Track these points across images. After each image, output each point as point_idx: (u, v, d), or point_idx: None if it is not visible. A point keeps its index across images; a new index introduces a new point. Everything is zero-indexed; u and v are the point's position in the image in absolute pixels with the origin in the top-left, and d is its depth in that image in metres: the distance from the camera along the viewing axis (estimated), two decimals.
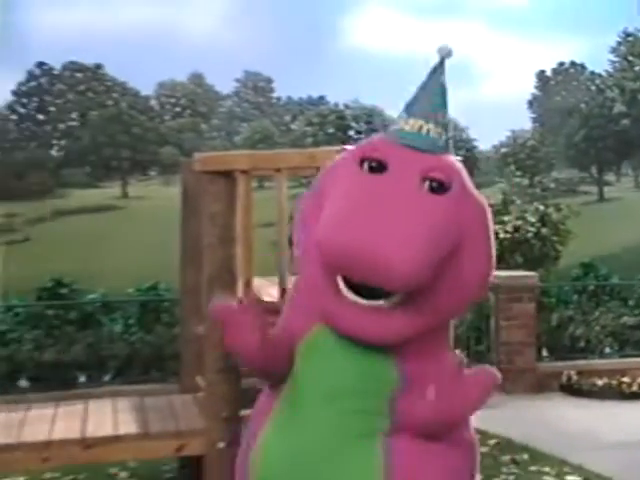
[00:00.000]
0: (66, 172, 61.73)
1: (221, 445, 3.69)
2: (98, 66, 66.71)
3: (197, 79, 71.80)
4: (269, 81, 73.17)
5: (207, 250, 3.75)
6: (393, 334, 2.41)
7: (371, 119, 54.39)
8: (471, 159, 46.70)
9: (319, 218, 2.37)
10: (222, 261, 3.71)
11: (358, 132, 51.76)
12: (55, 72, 66.95)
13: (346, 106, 55.58)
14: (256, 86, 71.58)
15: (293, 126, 61.78)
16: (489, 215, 2.59)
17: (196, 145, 55.20)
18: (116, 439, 3.94)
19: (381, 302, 2.35)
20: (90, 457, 3.93)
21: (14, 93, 67.36)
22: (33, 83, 67.00)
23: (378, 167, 2.42)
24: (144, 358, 8.31)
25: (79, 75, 66.23)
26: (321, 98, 65.42)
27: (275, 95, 73.59)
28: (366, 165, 2.44)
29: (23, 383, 8.01)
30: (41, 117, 66.44)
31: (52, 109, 65.89)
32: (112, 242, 45.05)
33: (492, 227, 2.59)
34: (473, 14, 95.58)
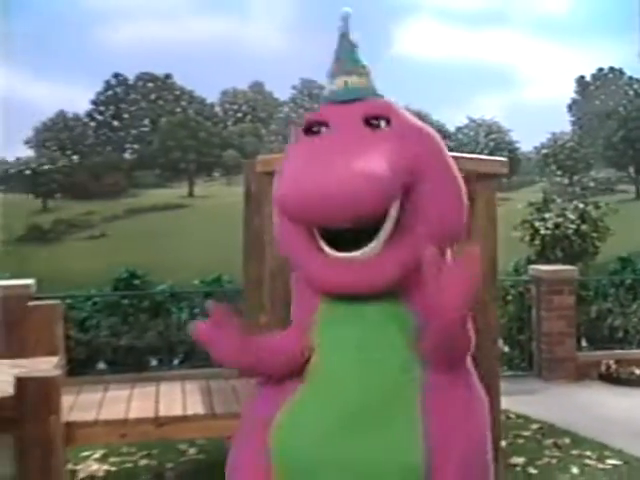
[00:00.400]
0: (138, 174, 62.69)
1: None
2: (168, 76, 67.55)
3: (257, 87, 72.16)
4: (323, 88, 72.89)
5: (269, 246, 3.75)
6: (380, 279, 2.24)
7: None
8: (513, 159, 45.97)
9: None
10: (283, 257, 3.69)
11: None
12: (129, 82, 68.03)
13: None
14: (311, 93, 71.48)
15: None
16: (440, 141, 2.43)
17: (256, 148, 55.50)
18: (185, 418, 3.98)
19: (360, 251, 2.19)
20: (162, 434, 3.98)
21: (93, 102, 68.64)
22: (110, 92, 68.19)
23: (319, 127, 2.37)
24: None
25: (151, 85, 67.17)
26: None
27: None
28: (309, 132, 2.39)
29: (101, 366, 8.16)
30: (116, 123, 67.56)
31: (126, 116, 66.96)
32: (179, 237, 45.62)
33: (447, 153, 2.42)
34: (516, 23, 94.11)
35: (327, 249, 2.22)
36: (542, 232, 10.56)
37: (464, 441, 2.34)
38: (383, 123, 2.33)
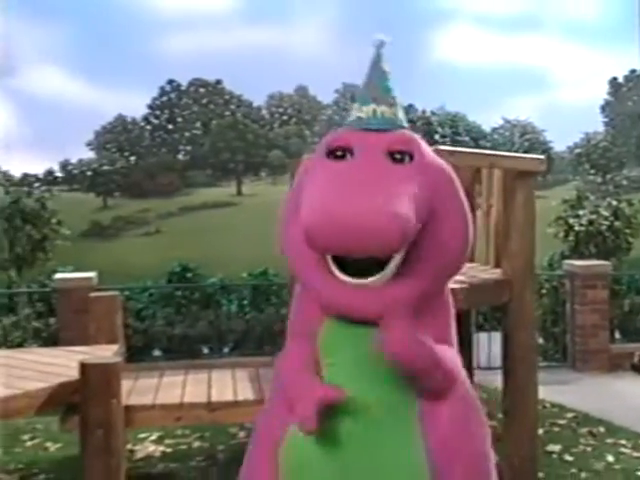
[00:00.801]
0: (190, 173, 63.26)
1: None
2: (218, 82, 67.99)
3: (302, 91, 72.18)
4: None
5: None
6: (387, 308, 2.20)
7: (455, 124, 53.41)
8: (547, 159, 45.26)
9: (297, 213, 2.22)
10: None
11: (443, 136, 50.90)
12: (182, 88, 68.67)
13: (432, 113, 54.74)
14: (353, 96, 71.35)
15: None
16: (456, 179, 2.38)
17: (300, 149, 55.53)
18: (236, 404, 3.98)
19: (372, 279, 2.16)
20: (214, 418, 3.99)
21: (149, 106, 69.44)
22: (164, 98, 68.93)
23: (344, 154, 2.30)
24: (257, 334, 8.42)
25: (202, 90, 67.70)
26: (410, 106, 64.59)
27: None
28: (332, 156, 2.32)
29: (157, 353, 8.26)
30: (170, 127, 68.26)
31: (179, 120, 67.62)
32: (228, 233, 45.94)
33: (461, 191, 2.37)
34: (550, 27, 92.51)
35: (339, 274, 2.19)
36: (576, 228, 10.38)
37: (466, 456, 2.32)
38: (407, 158, 2.29)
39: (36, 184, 53.06)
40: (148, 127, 68.81)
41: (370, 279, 2.17)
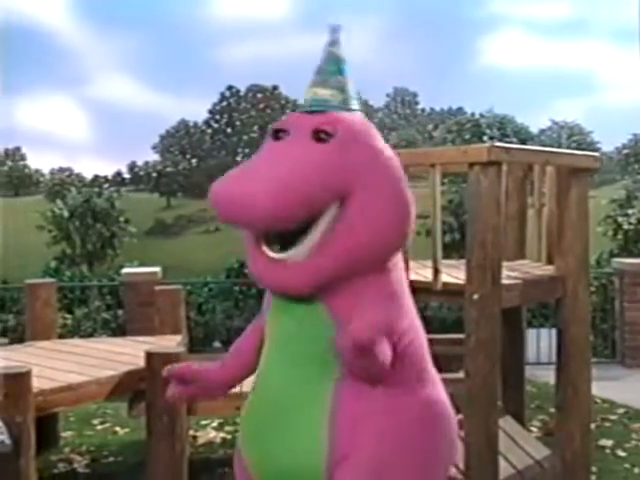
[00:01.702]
0: None
1: None
2: (275, 87, 68.52)
3: None
4: (415, 95, 72.37)
5: None
6: (304, 283, 2.12)
7: (503, 126, 52.53)
8: None
9: None
10: None
11: (491, 138, 50.12)
12: (241, 94, 69.42)
13: (481, 115, 53.95)
14: (403, 100, 70.91)
15: (434, 134, 60.77)
16: (391, 162, 2.23)
17: None
18: None
19: (288, 253, 2.10)
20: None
21: (209, 112, 70.42)
22: (224, 103, 69.81)
23: (281, 134, 2.24)
24: None
25: (260, 95, 68.30)
26: (459, 109, 63.95)
27: (420, 107, 72.69)
28: (274, 136, 2.26)
29: (216, 344, 8.32)
30: (229, 130, 69.06)
31: (238, 124, 68.37)
32: None
33: (397, 175, 2.21)
34: (596, 31, 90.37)
35: (264, 248, 2.15)
36: (625, 227, 10.12)
37: (372, 450, 2.14)
38: (330, 138, 2.18)
39: (106, 185, 54.44)
40: (209, 131, 69.80)
41: (286, 253, 2.11)
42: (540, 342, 7.32)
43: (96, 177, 67.12)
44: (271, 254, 2.13)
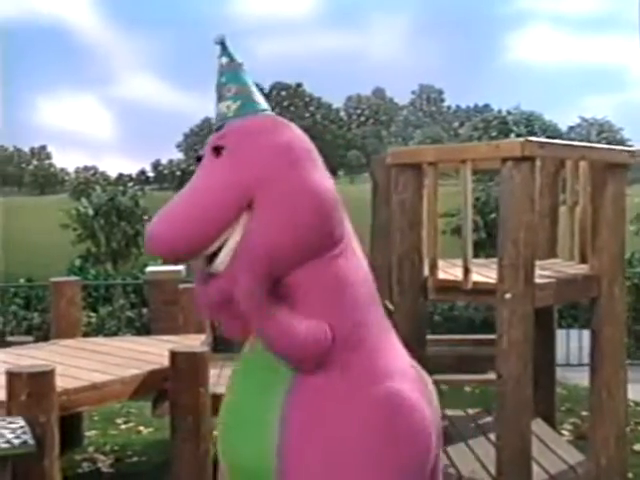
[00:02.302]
0: None
1: None
2: (299, 85, 68.61)
3: (379, 93, 72.00)
4: (440, 92, 72.00)
5: (397, 233, 3.61)
6: (208, 300, 2.23)
7: (531, 123, 52.05)
8: None
9: None
10: (410, 243, 3.56)
11: (518, 135, 49.68)
12: (265, 91, 69.50)
13: (508, 112, 53.51)
14: (429, 97, 70.59)
15: (460, 131, 60.37)
16: (293, 157, 2.17)
17: (377, 149, 55.33)
18: None
19: (211, 267, 2.16)
20: None
21: None
22: None
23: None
24: None
25: (284, 93, 68.44)
26: (486, 106, 63.47)
27: (445, 104, 72.33)
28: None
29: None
30: None
31: None
32: None
33: (301, 168, 2.15)
34: (625, 26, 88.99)
35: (197, 262, 2.23)
36: None
37: (321, 453, 2.11)
38: (222, 151, 2.19)
39: (130, 183, 54.87)
40: None
41: (211, 266, 2.17)
42: (570, 343, 7.20)
43: (120, 176, 67.73)
44: (200, 268, 2.21)
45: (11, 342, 5.49)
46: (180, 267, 7.60)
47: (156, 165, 70.89)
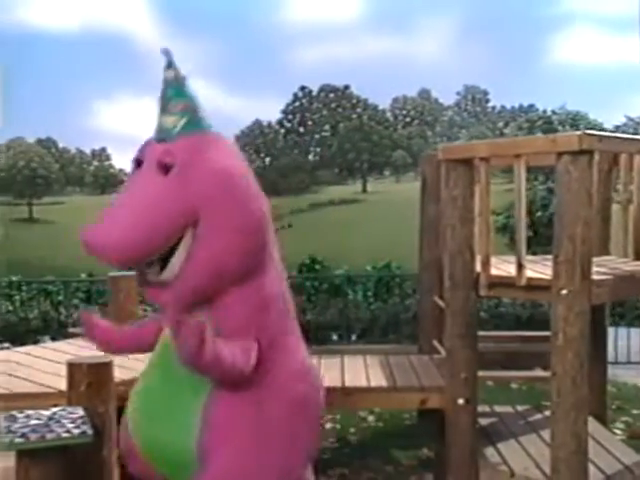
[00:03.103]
0: (319, 173, 64.03)
1: (460, 402, 3.43)
2: (346, 87, 68.52)
3: (425, 94, 71.41)
4: (485, 93, 71.00)
5: (448, 230, 3.48)
6: (175, 301, 2.35)
7: (576, 123, 50.68)
8: None
9: None
10: (462, 239, 3.43)
11: None
12: (313, 94, 69.67)
13: (553, 112, 52.16)
14: (474, 97, 69.67)
15: (505, 131, 59.25)
16: (234, 180, 2.34)
17: (422, 149, 54.80)
18: (369, 390, 3.80)
19: (161, 276, 2.32)
20: (347, 403, 3.83)
21: (282, 112, 70.96)
22: (297, 103, 70.26)
23: (138, 165, 2.36)
24: (382, 323, 8.26)
25: (331, 95, 68.42)
26: (531, 106, 62.29)
27: (490, 105, 71.32)
28: (136, 166, 2.39)
29: None
30: (301, 130, 69.42)
31: (310, 123, 68.70)
32: (354, 228, 46.05)
33: (240, 191, 2.34)
34: None
35: (145, 270, 2.34)
36: None
37: (235, 440, 2.39)
38: (171, 169, 2.28)
39: None
40: (282, 130, 70.35)
41: (161, 275, 2.31)
42: (618, 341, 6.94)
43: None
44: (149, 277, 2.31)
45: (73, 333, 5.56)
46: None
47: None
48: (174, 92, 2.36)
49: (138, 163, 2.37)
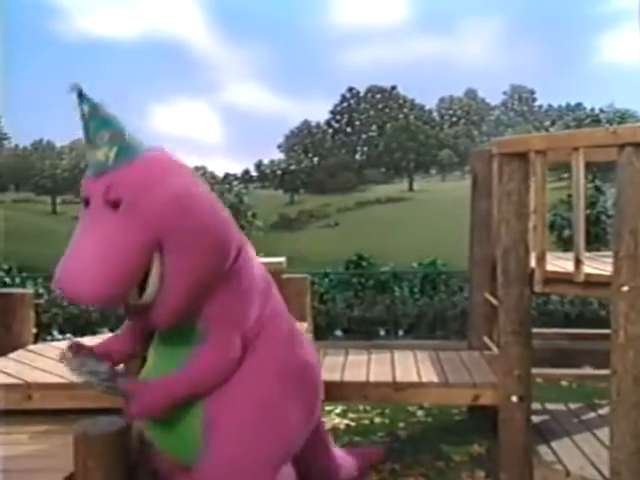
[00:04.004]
0: (366, 172, 63.81)
1: (514, 399, 3.29)
2: (393, 88, 68.10)
3: (471, 94, 70.41)
4: (532, 92, 69.59)
5: (502, 225, 3.35)
6: (163, 320, 2.37)
7: (624, 121, 49.38)
8: None
9: None
10: (517, 235, 3.29)
11: None
12: (361, 95, 69.45)
13: (601, 110, 51.01)
14: (521, 97, 68.36)
15: (552, 130, 58.06)
16: (190, 199, 2.32)
17: (468, 148, 54.03)
18: (421, 385, 3.69)
19: (141, 299, 2.33)
20: (398, 398, 3.73)
21: (330, 112, 70.97)
22: (344, 104, 70.19)
23: (87, 203, 2.29)
24: (430, 319, 8.14)
25: (378, 96, 68.08)
26: (578, 105, 60.81)
27: (537, 104, 69.85)
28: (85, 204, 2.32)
29: (338, 333, 8.19)
30: (349, 130, 69.31)
31: (357, 123, 68.53)
32: (400, 226, 45.77)
33: (198, 208, 2.33)
34: None
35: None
36: None
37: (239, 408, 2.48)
38: (120, 203, 2.22)
39: (235, 182, 56.09)
40: (330, 131, 70.37)
41: (141, 299, 2.31)
42: None
43: (227, 175, 69.31)
44: (130, 301, 2.30)
45: None
46: (281, 259, 7.57)
47: (259, 165, 72.10)
48: (97, 123, 2.25)
49: (86, 202, 2.31)
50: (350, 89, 69.90)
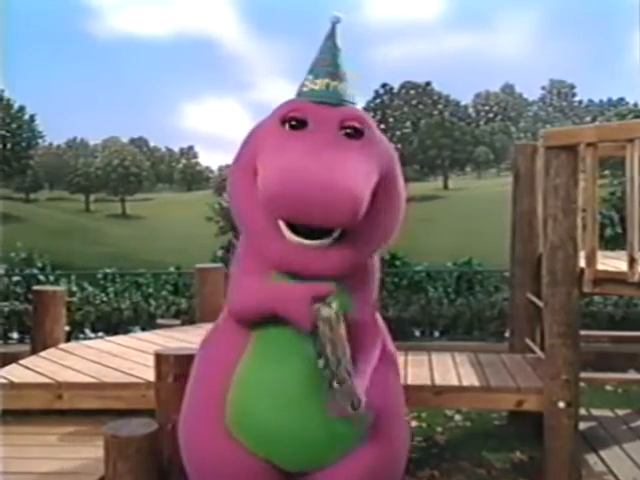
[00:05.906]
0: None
1: (561, 405, 3.16)
2: (428, 83, 67.56)
3: (508, 89, 69.55)
4: (572, 87, 68.44)
5: (549, 221, 3.22)
6: (336, 268, 2.23)
7: None
8: None
9: (251, 182, 2.22)
10: (565, 231, 3.16)
11: None
12: (394, 91, 69.07)
13: None
14: (560, 92, 67.29)
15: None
16: (397, 160, 2.42)
17: (505, 145, 53.36)
18: (461, 389, 3.58)
19: (325, 241, 2.18)
20: (438, 402, 3.62)
21: (364, 108, 70.57)
22: (378, 100, 69.88)
23: (299, 124, 2.25)
24: (466, 320, 8.00)
25: (412, 92, 67.63)
26: (620, 100, 59.55)
27: (577, 99, 68.67)
28: (287, 125, 2.26)
29: None
30: (383, 126, 68.91)
31: (391, 120, 68.15)
32: (434, 225, 45.36)
33: (399, 172, 2.41)
34: None
35: (291, 236, 2.18)
36: None
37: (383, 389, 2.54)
38: (358, 134, 2.28)
39: None
40: None
41: (319, 242, 2.17)
42: None
43: None
44: (304, 242, 2.17)
45: (161, 324, 5.60)
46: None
47: None
48: (340, 60, 2.36)
49: (289, 120, 2.28)
50: (384, 85, 69.55)
